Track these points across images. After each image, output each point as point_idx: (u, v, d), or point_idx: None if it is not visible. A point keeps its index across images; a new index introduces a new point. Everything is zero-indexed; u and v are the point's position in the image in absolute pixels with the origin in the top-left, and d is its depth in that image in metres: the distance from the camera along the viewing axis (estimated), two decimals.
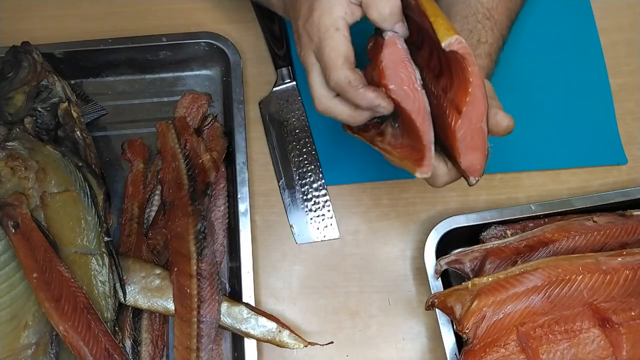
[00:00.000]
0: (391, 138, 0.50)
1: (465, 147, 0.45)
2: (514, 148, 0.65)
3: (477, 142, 0.45)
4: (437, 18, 0.43)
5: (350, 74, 0.46)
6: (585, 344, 0.50)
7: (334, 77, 0.46)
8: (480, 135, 0.44)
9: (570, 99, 0.67)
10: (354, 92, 0.46)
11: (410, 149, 0.48)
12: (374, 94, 0.46)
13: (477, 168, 0.46)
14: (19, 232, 0.52)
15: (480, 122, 0.44)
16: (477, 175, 0.46)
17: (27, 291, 0.53)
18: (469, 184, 0.47)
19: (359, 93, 0.46)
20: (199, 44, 0.66)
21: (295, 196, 0.64)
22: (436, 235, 0.57)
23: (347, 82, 0.46)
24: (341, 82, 0.46)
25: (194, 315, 0.54)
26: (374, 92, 0.46)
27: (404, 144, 0.48)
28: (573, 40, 0.69)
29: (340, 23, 0.47)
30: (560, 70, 0.68)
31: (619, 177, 0.64)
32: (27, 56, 0.60)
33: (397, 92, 0.45)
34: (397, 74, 0.45)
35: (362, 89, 0.46)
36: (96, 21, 0.71)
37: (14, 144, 0.56)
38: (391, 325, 0.59)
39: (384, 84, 0.45)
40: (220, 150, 0.62)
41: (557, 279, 0.50)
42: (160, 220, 0.60)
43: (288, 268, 0.62)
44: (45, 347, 0.52)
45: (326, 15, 0.47)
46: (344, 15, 0.47)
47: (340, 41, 0.47)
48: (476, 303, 0.50)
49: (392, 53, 0.45)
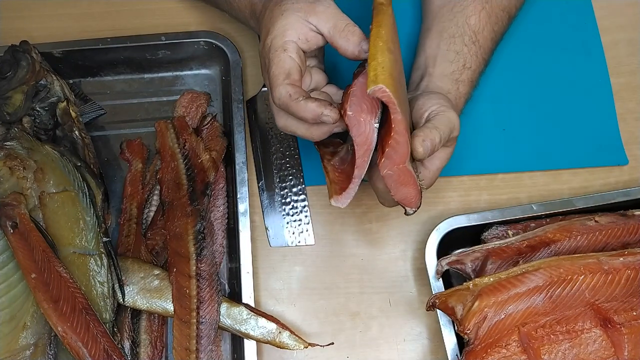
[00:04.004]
0: (338, 160, 0.52)
1: (394, 183, 0.47)
2: (514, 148, 0.65)
3: (405, 179, 0.47)
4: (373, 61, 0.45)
5: (291, 88, 0.47)
6: (587, 344, 0.50)
7: (276, 93, 0.48)
8: (405, 174, 0.47)
9: (571, 99, 0.66)
10: (295, 105, 0.47)
11: (345, 177, 0.50)
12: (315, 104, 0.47)
13: (411, 201, 0.49)
14: (17, 232, 0.52)
15: (403, 163, 0.46)
16: (413, 206, 0.49)
17: (25, 292, 0.53)
18: (406, 213, 0.50)
19: (300, 105, 0.47)
20: (198, 43, 0.66)
21: (273, 199, 0.63)
22: (437, 236, 0.57)
23: (288, 95, 0.47)
24: (283, 98, 0.48)
25: (193, 316, 0.54)
26: (315, 102, 0.47)
27: (344, 171, 0.50)
28: (574, 40, 0.69)
29: (289, 45, 0.49)
30: (561, 70, 0.68)
31: (621, 177, 0.64)
32: (26, 55, 0.60)
33: (352, 119, 0.47)
34: (360, 103, 0.47)
35: (302, 100, 0.47)
36: (95, 20, 0.71)
37: (12, 143, 0.56)
38: (392, 326, 0.59)
39: (344, 107, 0.47)
40: (219, 150, 0.62)
41: (559, 279, 0.50)
42: (159, 220, 0.59)
43: (288, 269, 0.61)
44: (44, 348, 0.52)
45: (278, 38, 0.49)
46: (295, 40, 0.49)
47: (284, 60, 0.49)
48: (477, 303, 0.50)
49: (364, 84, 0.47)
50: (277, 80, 0.48)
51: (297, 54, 0.49)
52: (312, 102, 0.47)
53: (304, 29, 0.49)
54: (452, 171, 0.64)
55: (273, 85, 0.49)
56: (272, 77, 0.49)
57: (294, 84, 0.48)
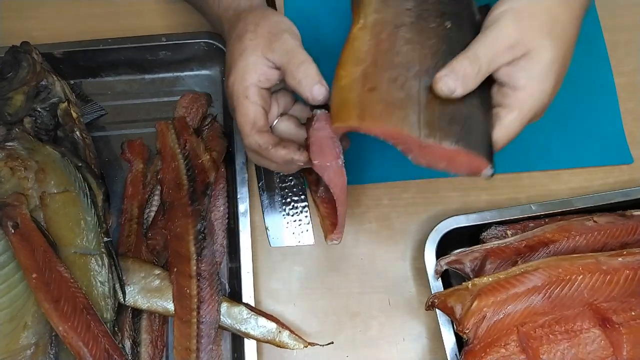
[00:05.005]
0: (323, 191, 0.54)
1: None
2: (514, 148, 0.64)
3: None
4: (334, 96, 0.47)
5: (259, 138, 0.49)
6: (586, 344, 0.50)
7: (245, 143, 0.50)
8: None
9: (574, 97, 0.66)
10: (266, 154, 0.49)
11: (332, 208, 0.52)
12: (284, 151, 0.48)
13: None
14: (18, 233, 0.52)
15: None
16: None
17: (26, 292, 0.53)
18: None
19: (270, 153, 0.49)
20: (199, 44, 0.66)
21: (274, 199, 0.64)
22: (436, 236, 0.57)
23: (257, 145, 0.49)
24: (252, 146, 0.49)
25: (193, 316, 0.54)
26: (284, 149, 0.49)
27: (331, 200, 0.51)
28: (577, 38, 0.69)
29: (250, 91, 0.49)
30: None
31: (620, 177, 0.64)
32: (27, 56, 0.60)
33: (319, 167, 0.49)
34: (322, 150, 0.49)
35: (272, 149, 0.48)
36: (96, 21, 0.71)
37: (14, 144, 0.56)
38: (391, 325, 0.59)
39: (310, 157, 0.49)
40: (219, 151, 0.62)
41: (558, 279, 0.50)
42: (160, 220, 0.59)
43: (288, 269, 0.62)
44: (45, 348, 0.52)
45: (238, 83, 0.49)
46: (256, 82, 0.49)
47: (248, 108, 0.49)
48: (476, 303, 0.50)
49: (319, 129, 0.49)
50: (244, 130, 0.49)
51: (259, 96, 0.49)
52: (282, 149, 0.48)
53: (263, 69, 0.49)
54: None
55: (242, 134, 0.50)
56: (239, 126, 0.50)
57: (261, 131, 0.49)
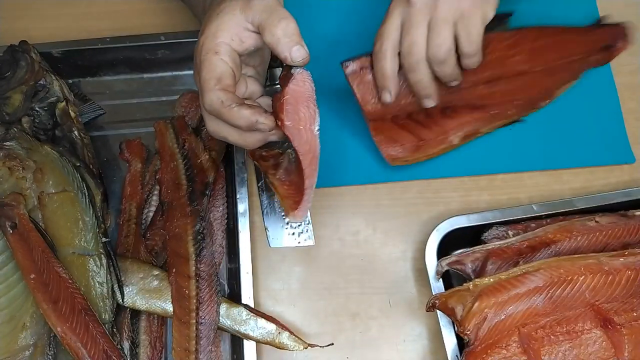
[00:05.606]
0: (283, 173, 0.50)
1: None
2: (515, 148, 0.64)
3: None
4: None
5: (223, 94, 0.45)
6: (587, 345, 0.50)
7: (206, 99, 0.45)
8: None
9: (575, 97, 0.66)
10: (228, 112, 0.45)
11: (295, 189, 0.48)
12: (248, 111, 0.44)
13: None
14: (16, 233, 0.52)
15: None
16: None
17: (25, 292, 0.53)
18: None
19: (234, 112, 0.44)
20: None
21: (273, 199, 0.63)
22: (437, 236, 0.57)
23: (220, 102, 0.45)
24: (214, 104, 0.45)
25: (192, 317, 0.54)
26: (248, 109, 0.44)
27: (292, 182, 0.48)
28: None
29: (221, 47, 0.46)
30: None
31: (622, 177, 0.64)
32: (25, 55, 0.60)
33: (291, 129, 0.44)
34: (297, 111, 0.45)
35: (235, 107, 0.44)
36: (94, 20, 0.71)
37: (12, 143, 0.56)
38: (392, 326, 0.59)
39: (280, 117, 0.44)
40: (219, 150, 0.62)
41: (559, 279, 0.50)
42: (159, 220, 0.59)
43: (287, 269, 0.61)
44: (43, 349, 0.52)
45: (210, 39, 0.46)
46: (228, 42, 0.46)
47: (215, 64, 0.46)
48: (477, 304, 0.50)
49: (297, 89, 0.44)
50: (207, 85, 0.45)
51: (230, 56, 0.46)
52: (246, 109, 0.44)
53: (238, 29, 0.46)
54: (453, 171, 0.64)
55: (203, 89, 0.46)
56: (202, 81, 0.46)
57: (226, 89, 0.45)
